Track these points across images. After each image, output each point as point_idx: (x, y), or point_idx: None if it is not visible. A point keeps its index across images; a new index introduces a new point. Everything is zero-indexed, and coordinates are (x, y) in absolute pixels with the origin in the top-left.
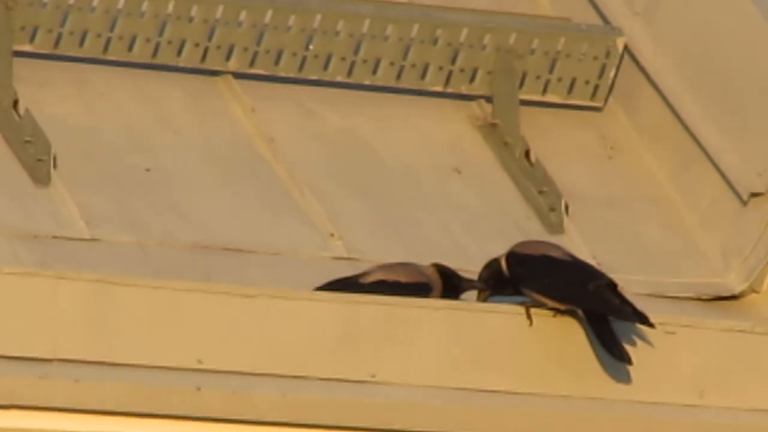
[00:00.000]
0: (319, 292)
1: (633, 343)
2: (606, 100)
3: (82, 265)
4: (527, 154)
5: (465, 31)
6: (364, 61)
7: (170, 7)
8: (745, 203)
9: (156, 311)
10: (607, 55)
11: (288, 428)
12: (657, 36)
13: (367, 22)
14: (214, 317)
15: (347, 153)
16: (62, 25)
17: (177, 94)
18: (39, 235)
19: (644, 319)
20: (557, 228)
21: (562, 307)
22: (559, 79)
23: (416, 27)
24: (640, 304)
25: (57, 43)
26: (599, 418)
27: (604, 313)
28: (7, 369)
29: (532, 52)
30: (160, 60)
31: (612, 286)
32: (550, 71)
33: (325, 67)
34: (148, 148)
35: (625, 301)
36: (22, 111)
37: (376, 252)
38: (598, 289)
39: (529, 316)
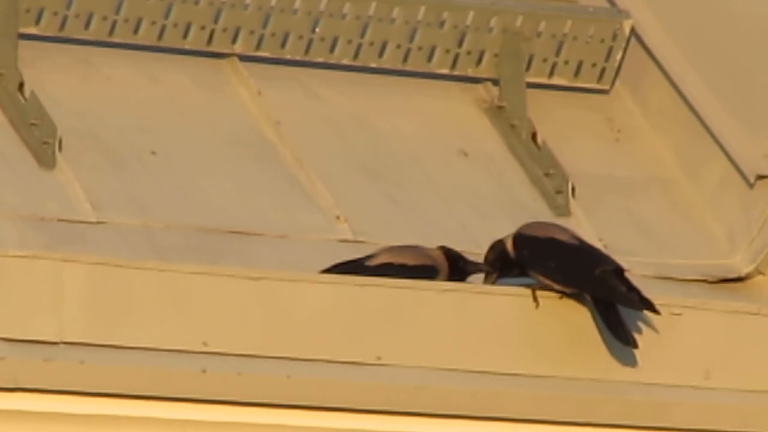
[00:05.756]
0: (325, 275)
1: (639, 325)
2: (613, 83)
3: (88, 247)
4: (534, 136)
5: (471, 13)
6: (371, 44)
7: None
8: (751, 185)
9: (161, 294)
10: (614, 37)
11: (293, 410)
12: (664, 18)
13: (373, 4)
14: (219, 300)
15: (353, 136)
16: (68, 7)
17: (183, 76)
18: (45, 218)
19: (650, 306)
20: (564, 210)
21: (568, 291)
22: (566, 62)
23: (423, 9)
24: (646, 286)
25: (62, 26)
26: (605, 399)
27: (609, 300)
28: (13, 352)
29: (539, 34)
30: (165, 42)
31: (619, 271)
32: (557, 54)
33: (332, 49)
34: (154, 130)
35: (631, 288)
36: (27, 93)
37: (382, 235)
38: (605, 274)
39: (535, 299)
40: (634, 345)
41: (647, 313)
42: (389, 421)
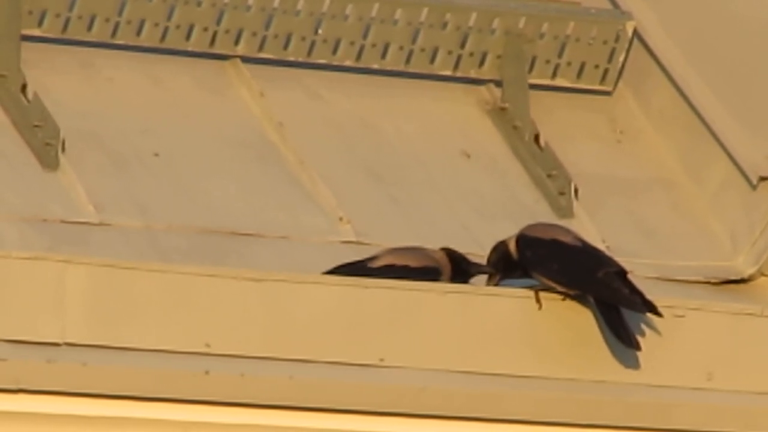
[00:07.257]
0: (327, 276)
1: (642, 327)
2: (615, 84)
3: (91, 249)
4: (536, 137)
5: (474, 15)
6: (373, 46)
7: None
8: (754, 187)
9: (164, 295)
10: (617, 39)
11: (296, 411)
12: (666, 20)
13: (376, 6)
14: (222, 301)
15: (356, 137)
16: (70, 9)
17: (185, 78)
18: (47, 220)
19: (653, 309)
20: (566, 212)
21: (571, 292)
22: (569, 63)
23: (425, 11)
24: (649, 288)
25: (65, 28)
26: (608, 401)
27: (612, 302)
28: (15, 353)
29: (542, 36)
30: (168, 44)
31: (622, 273)
32: (560, 55)
33: (334, 51)
34: (157, 132)
35: (634, 290)
36: (30, 95)
37: (385, 236)
38: (608, 276)
39: (538, 300)
40: (637, 347)
41: (650, 315)
42: (392, 423)
